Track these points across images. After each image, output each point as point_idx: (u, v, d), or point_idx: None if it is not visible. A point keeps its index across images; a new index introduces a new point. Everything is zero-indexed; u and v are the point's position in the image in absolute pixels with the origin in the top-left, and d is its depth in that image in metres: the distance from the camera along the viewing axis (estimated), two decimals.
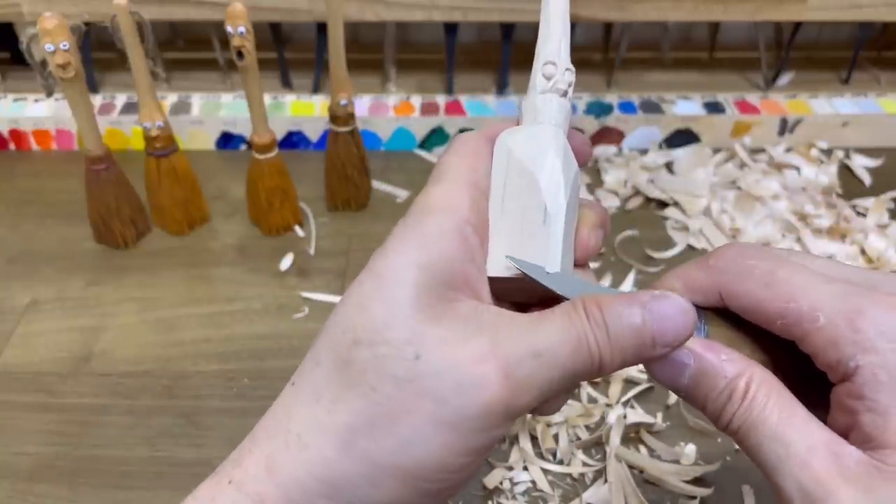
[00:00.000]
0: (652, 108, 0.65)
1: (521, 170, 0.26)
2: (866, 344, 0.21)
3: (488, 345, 0.22)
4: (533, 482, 0.40)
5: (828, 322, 0.22)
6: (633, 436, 0.42)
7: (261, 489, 0.23)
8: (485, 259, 0.26)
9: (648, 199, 0.59)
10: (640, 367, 0.45)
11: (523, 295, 0.27)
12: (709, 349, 0.24)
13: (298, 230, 0.56)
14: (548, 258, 0.25)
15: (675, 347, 0.23)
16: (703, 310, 0.25)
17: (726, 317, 0.25)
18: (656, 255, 0.53)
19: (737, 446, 0.41)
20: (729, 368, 0.23)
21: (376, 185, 0.60)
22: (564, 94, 0.28)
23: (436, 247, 0.24)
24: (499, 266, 0.25)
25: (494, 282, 0.26)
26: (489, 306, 0.24)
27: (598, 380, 0.45)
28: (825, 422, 0.23)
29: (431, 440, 0.22)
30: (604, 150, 0.64)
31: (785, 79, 0.70)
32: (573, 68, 0.29)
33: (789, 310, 0.23)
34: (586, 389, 0.44)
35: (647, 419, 0.42)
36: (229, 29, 0.46)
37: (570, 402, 0.43)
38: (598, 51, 0.73)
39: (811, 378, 0.23)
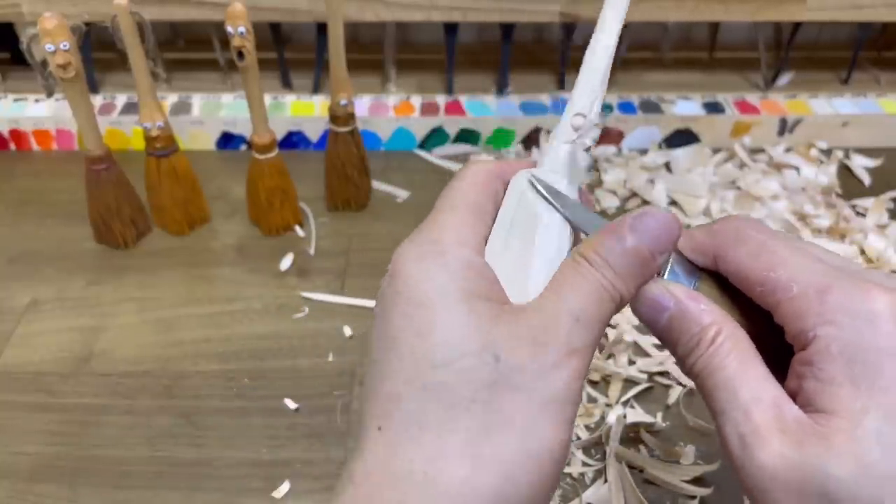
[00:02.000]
0: (652, 108, 0.65)
1: (529, 213, 0.27)
2: (828, 316, 0.23)
3: (541, 329, 0.24)
4: None
5: (800, 293, 0.23)
6: (632, 436, 0.42)
7: None
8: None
9: (647, 200, 0.59)
10: (640, 366, 0.45)
11: None
12: (690, 297, 0.26)
13: (298, 230, 0.56)
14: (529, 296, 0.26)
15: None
16: (698, 269, 0.27)
17: (719, 282, 0.27)
18: None
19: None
20: (704, 317, 0.25)
21: (376, 185, 0.60)
22: (589, 149, 0.28)
23: (460, 272, 0.25)
24: None
25: None
26: (521, 303, 0.26)
27: (597, 380, 0.45)
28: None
29: (542, 422, 0.23)
30: (603, 150, 0.64)
31: (785, 79, 0.70)
32: (602, 124, 0.29)
33: (769, 278, 0.24)
34: (586, 389, 0.44)
35: (647, 419, 0.42)
36: (229, 29, 0.46)
37: None
38: None
39: (784, 353, 0.24)
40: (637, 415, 0.43)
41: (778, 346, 0.25)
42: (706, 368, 0.24)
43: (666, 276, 0.26)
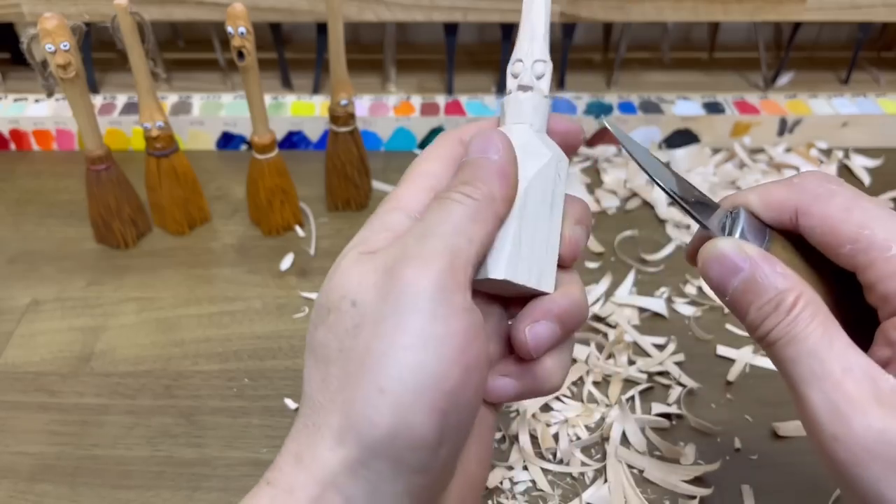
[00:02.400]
0: (652, 108, 0.65)
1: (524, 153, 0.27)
2: None
3: (387, 255, 0.24)
4: (533, 482, 0.40)
5: None
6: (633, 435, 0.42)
7: (291, 480, 0.24)
8: None
9: (647, 200, 0.59)
10: (640, 366, 0.45)
11: (507, 294, 0.28)
12: (766, 259, 0.24)
13: (299, 230, 0.56)
14: (501, 253, 0.26)
15: (726, 290, 0.25)
16: (769, 228, 0.26)
17: (791, 242, 0.26)
18: (650, 257, 0.53)
19: (737, 445, 0.41)
20: (781, 281, 0.24)
21: (376, 185, 0.60)
22: (529, 87, 0.29)
23: (376, 232, 0.26)
24: (497, 269, 0.26)
25: (488, 283, 0.26)
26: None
27: (598, 379, 0.45)
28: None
29: (395, 350, 0.23)
30: (603, 150, 0.64)
31: (784, 79, 0.70)
32: (547, 59, 0.29)
33: (863, 235, 0.23)
34: (587, 388, 0.44)
35: (649, 419, 0.42)
36: (230, 29, 0.46)
37: (570, 401, 0.43)
38: (598, 51, 0.73)
39: (858, 321, 0.24)
40: (638, 414, 0.43)
41: (851, 314, 0.24)
42: (786, 336, 0.23)
43: (736, 236, 0.25)
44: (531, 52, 0.29)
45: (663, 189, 0.27)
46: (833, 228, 0.24)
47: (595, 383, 0.45)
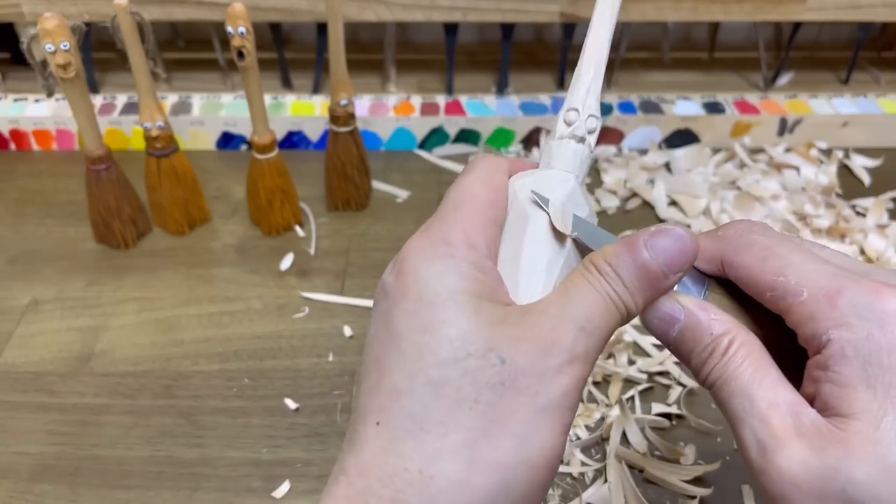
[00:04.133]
0: (652, 108, 0.65)
1: (520, 213, 0.27)
2: (841, 320, 0.22)
3: (547, 333, 0.24)
4: None
5: (810, 297, 0.23)
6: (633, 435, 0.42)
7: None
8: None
9: (647, 200, 0.59)
10: (640, 366, 0.45)
11: None
12: (701, 308, 0.25)
13: (299, 230, 0.56)
14: (518, 295, 0.26)
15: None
16: (706, 276, 0.27)
17: (727, 288, 0.26)
18: None
19: (736, 445, 0.41)
20: (716, 326, 0.25)
21: (376, 185, 0.60)
22: (582, 140, 0.28)
23: (469, 274, 0.25)
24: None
25: None
26: (527, 306, 0.25)
27: (598, 379, 0.45)
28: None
29: (541, 427, 0.23)
30: (603, 150, 0.64)
31: (784, 79, 0.70)
32: (599, 116, 0.29)
33: (778, 283, 0.24)
34: (587, 388, 0.44)
35: (649, 418, 0.42)
36: (230, 29, 0.46)
37: None
38: None
39: (797, 356, 0.24)
40: (638, 414, 0.43)
41: (790, 350, 0.24)
42: (721, 378, 0.24)
43: (675, 287, 0.26)
44: (587, 104, 0.29)
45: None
46: (754, 277, 0.25)
47: (595, 383, 0.45)
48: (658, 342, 0.47)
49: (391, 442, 0.23)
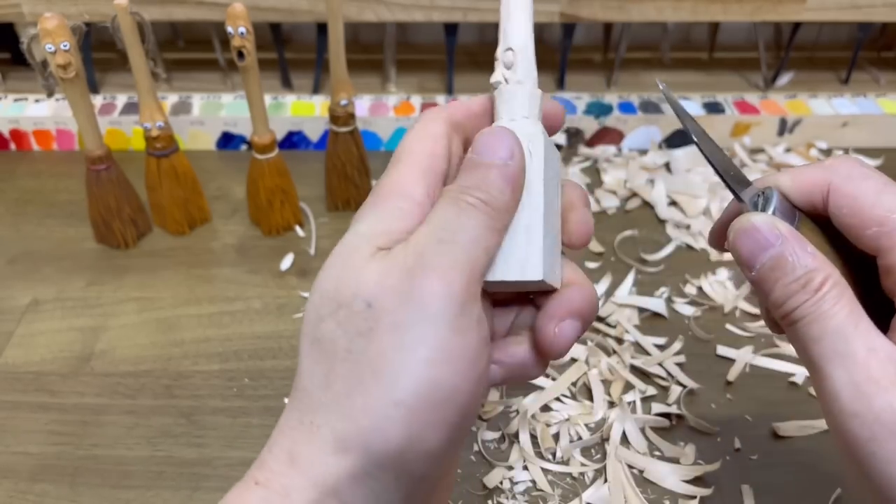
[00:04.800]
0: (651, 108, 0.65)
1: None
2: None
3: (409, 257, 0.23)
4: (533, 482, 0.40)
5: None
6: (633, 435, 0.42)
7: (285, 482, 0.23)
8: None
9: (647, 200, 0.59)
10: (641, 366, 0.45)
11: (512, 294, 0.28)
12: (797, 238, 0.25)
13: (299, 230, 0.56)
14: (529, 253, 0.26)
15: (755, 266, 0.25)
16: (799, 211, 0.26)
17: (818, 226, 0.26)
18: (650, 257, 0.53)
19: (737, 445, 0.41)
20: (811, 261, 0.24)
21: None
22: (520, 82, 0.29)
23: (386, 223, 0.25)
24: (534, 271, 0.26)
25: (501, 284, 0.26)
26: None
27: (598, 380, 0.45)
28: None
29: (415, 363, 0.22)
30: (603, 151, 0.64)
31: (784, 79, 0.70)
32: (512, 46, 0.29)
33: (890, 219, 0.24)
34: (587, 389, 0.44)
35: (649, 418, 0.42)
36: (230, 29, 0.46)
37: (570, 401, 0.43)
38: (598, 51, 0.73)
39: (872, 312, 0.24)
40: (638, 414, 0.43)
41: (866, 303, 0.24)
42: (810, 315, 0.24)
43: (769, 212, 0.25)
44: (521, 44, 0.29)
45: (706, 157, 0.27)
46: (861, 210, 0.25)
47: (596, 383, 0.45)
48: (658, 342, 0.47)
49: (294, 402, 0.24)
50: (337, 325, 0.23)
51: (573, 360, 0.46)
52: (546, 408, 0.43)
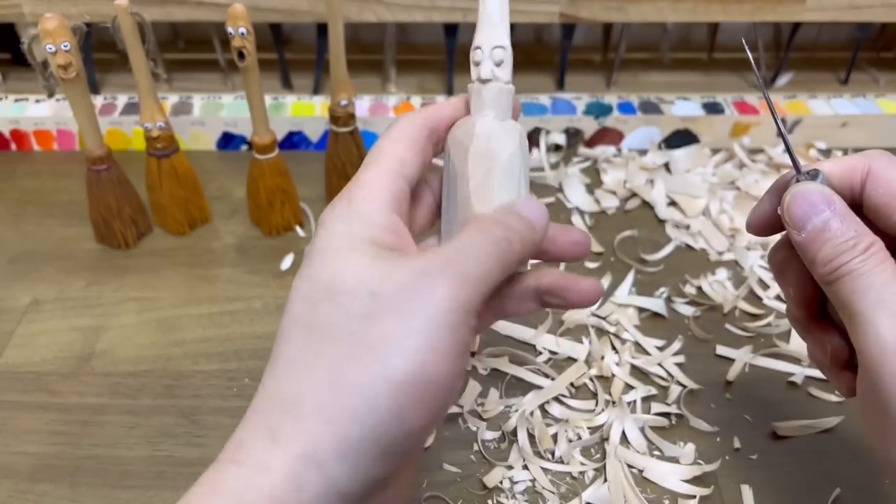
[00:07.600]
0: (651, 108, 0.65)
1: (452, 162, 0.30)
2: None
3: (422, 262, 0.25)
4: (533, 481, 0.40)
5: None
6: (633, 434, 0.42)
7: (264, 457, 0.24)
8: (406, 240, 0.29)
9: (647, 200, 0.59)
10: (640, 366, 0.45)
11: None
12: (847, 209, 0.28)
13: (299, 230, 0.56)
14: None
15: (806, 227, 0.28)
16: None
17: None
18: (650, 257, 0.53)
19: (737, 444, 0.41)
20: (860, 227, 0.27)
21: None
22: (489, 80, 0.30)
23: (363, 224, 0.27)
24: None
25: None
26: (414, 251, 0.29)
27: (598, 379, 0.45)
28: None
29: (410, 347, 0.24)
30: (603, 151, 0.64)
31: (784, 79, 0.70)
32: (506, 45, 0.30)
33: None
34: (587, 387, 0.44)
35: (648, 418, 0.42)
36: (230, 30, 0.46)
37: (570, 400, 0.44)
38: (598, 51, 0.73)
39: None
40: (637, 414, 0.43)
41: None
42: (858, 270, 0.26)
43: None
44: (490, 39, 0.30)
45: (780, 129, 0.31)
46: None
47: (595, 383, 0.45)
48: (659, 343, 0.47)
49: (272, 385, 0.25)
50: (336, 309, 0.25)
51: (573, 360, 0.46)
52: (546, 407, 0.43)
